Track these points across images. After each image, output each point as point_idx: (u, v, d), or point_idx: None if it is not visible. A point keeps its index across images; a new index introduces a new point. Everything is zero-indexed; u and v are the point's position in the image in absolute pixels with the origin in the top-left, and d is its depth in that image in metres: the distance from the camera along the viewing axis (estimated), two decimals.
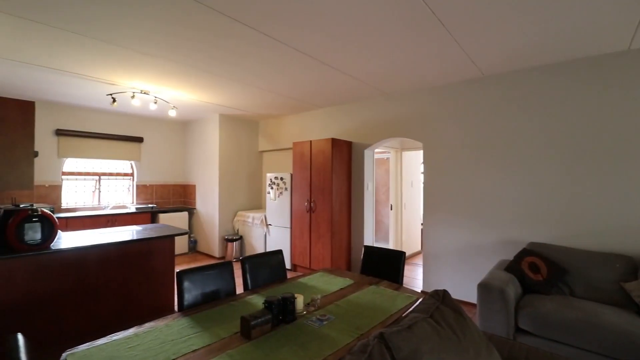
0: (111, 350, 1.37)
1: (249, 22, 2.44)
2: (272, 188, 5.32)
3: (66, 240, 2.91)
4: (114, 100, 4.27)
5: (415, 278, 4.66)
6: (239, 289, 2.19)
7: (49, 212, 2.65)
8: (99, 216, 4.99)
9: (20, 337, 1.10)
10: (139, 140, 5.99)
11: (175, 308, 3.48)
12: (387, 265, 2.51)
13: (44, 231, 2.58)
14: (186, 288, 1.87)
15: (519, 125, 3.31)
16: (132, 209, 5.53)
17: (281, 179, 5.17)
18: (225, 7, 2.26)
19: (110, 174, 5.77)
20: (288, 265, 4.88)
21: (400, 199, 5.75)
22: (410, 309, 1.90)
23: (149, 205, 5.81)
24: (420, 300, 1.98)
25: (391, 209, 5.64)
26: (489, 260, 3.47)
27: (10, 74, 3.61)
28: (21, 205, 2.69)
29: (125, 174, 5.96)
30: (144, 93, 4.31)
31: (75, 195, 5.37)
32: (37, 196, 4.85)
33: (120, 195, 5.89)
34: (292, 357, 1.34)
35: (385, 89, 4.11)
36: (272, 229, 5.28)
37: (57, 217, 2.70)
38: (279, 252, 2.47)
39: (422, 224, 6.24)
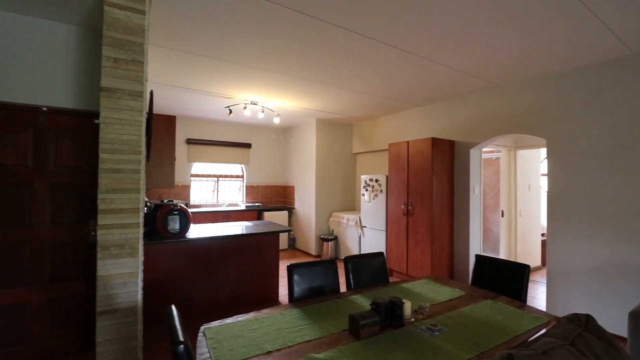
0: (237, 329, 1.55)
1: (347, 24, 2.48)
2: (366, 190, 5.30)
3: (194, 231, 3.43)
4: (231, 112, 4.89)
5: (534, 297, 4.01)
6: (341, 287, 2.22)
7: (185, 207, 3.17)
8: (217, 212, 5.78)
9: (174, 308, 1.33)
10: (248, 146, 6.72)
11: (279, 298, 3.77)
12: (505, 278, 2.20)
13: (181, 222, 3.10)
14: (296, 281, 1.99)
15: None
16: (242, 207, 6.24)
17: (376, 180, 5.11)
18: (323, 14, 2.33)
19: (226, 176, 6.64)
20: None
21: (513, 205, 5.04)
22: (541, 332, 1.63)
23: (256, 204, 6.48)
24: (553, 323, 1.68)
25: (502, 216, 4.99)
26: None
27: (159, 94, 4.48)
28: (165, 201, 3.29)
29: (237, 176, 6.77)
30: (253, 104, 4.81)
31: (200, 194, 6.34)
32: (173, 194, 5.90)
33: (233, 195, 6.71)
34: None
35: (495, 80, 3.67)
36: (366, 231, 5.25)
37: None
38: (380, 254, 2.43)
39: (542, 235, 5.35)
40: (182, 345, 1.03)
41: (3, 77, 2.31)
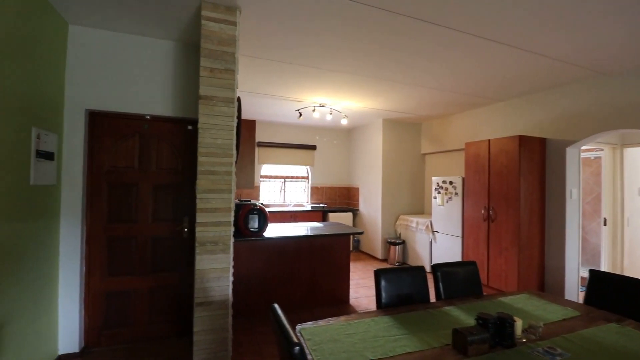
0: (332, 332, 1.53)
1: (424, 16, 2.33)
2: (439, 193, 5.01)
3: (269, 230, 3.55)
4: (300, 115, 5.01)
5: None
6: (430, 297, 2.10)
7: (263, 207, 3.31)
8: (285, 212, 5.96)
9: (277, 306, 1.36)
10: (313, 147, 6.83)
11: (350, 301, 3.73)
12: (630, 299, 1.87)
13: (260, 222, 3.23)
14: (383, 287, 1.92)
15: None
16: (308, 207, 6.35)
17: (450, 183, 4.80)
18: (401, 7, 2.22)
19: (292, 177, 6.83)
20: None
21: (619, 212, 4.33)
22: None
23: (321, 205, 6.55)
24: None
25: (604, 224, 4.32)
26: None
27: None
28: (243, 201, 3.47)
29: (303, 177, 6.93)
30: (322, 106, 4.86)
31: (268, 194, 6.61)
32: (245, 194, 6.24)
33: (299, 195, 6.87)
34: None
35: (601, 68, 3.18)
36: (438, 237, 4.96)
37: None
38: (472, 263, 2.24)
39: None
40: (298, 347, 1.04)
41: (119, 90, 2.63)
